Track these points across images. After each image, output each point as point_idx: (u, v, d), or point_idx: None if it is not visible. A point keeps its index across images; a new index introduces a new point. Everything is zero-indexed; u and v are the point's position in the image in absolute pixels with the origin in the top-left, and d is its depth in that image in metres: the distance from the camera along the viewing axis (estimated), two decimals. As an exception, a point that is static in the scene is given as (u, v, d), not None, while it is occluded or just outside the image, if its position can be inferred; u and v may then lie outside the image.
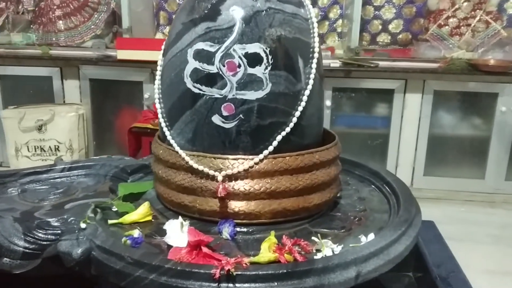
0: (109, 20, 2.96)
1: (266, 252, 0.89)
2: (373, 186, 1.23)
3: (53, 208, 1.11)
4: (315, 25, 0.99)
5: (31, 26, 2.97)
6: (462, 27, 2.78)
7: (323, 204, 1.02)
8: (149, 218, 1.04)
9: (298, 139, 0.99)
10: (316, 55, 0.98)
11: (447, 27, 2.80)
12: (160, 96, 1.03)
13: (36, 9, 2.93)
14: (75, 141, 2.79)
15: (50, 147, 2.77)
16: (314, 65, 0.97)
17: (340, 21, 3.07)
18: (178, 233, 0.93)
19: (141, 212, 1.04)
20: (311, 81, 0.97)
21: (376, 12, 3.00)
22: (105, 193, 1.19)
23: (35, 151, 2.77)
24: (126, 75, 2.78)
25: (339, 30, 3.09)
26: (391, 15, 2.99)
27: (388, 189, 1.17)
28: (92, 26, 2.91)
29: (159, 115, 1.02)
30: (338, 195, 1.15)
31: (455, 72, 2.58)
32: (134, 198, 1.14)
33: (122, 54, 2.62)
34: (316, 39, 0.99)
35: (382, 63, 2.67)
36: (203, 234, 0.91)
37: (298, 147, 0.98)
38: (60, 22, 2.88)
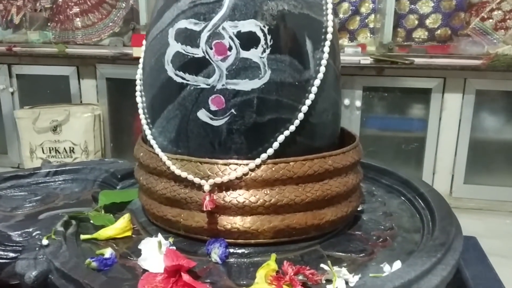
0: (128, 18, 2.84)
1: (262, 282, 0.71)
2: (403, 198, 1.02)
3: (25, 218, 0.96)
4: (329, 0, 0.80)
5: (48, 24, 2.87)
6: (508, 21, 2.52)
7: (338, 220, 0.83)
8: (129, 233, 0.88)
9: (306, 140, 0.80)
10: (329, 36, 0.79)
11: (491, 20, 2.54)
12: (142, 88, 0.86)
13: (54, 6, 2.83)
14: (91, 142, 2.67)
15: (65, 148, 2.66)
16: (326, 49, 0.78)
17: (372, 16, 2.84)
18: (155, 255, 0.76)
19: (119, 226, 0.87)
20: (322, 68, 0.78)
21: (412, 6, 2.76)
22: (89, 202, 1.03)
23: (50, 152, 2.67)
24: (144, 74, 2.64)
25: (371, 25, 2.86)
26: (429, 9, 2.74)
27: (422, 203, 0.97)
28: (110, 24, 2.79)
29: (140, 111, 0.85)
30: (360, 209, 0.96)
31: (500, 70, 2.33)
32: (118, 209, 0.97)
33: (138, 52, 2.47)
34: (330, 17, 0.80)
35: (418, 60, 2.43)
36: (184, 257, 0.73)
37: (306, 150, 0.79)
38: (78, 19, 2.77)
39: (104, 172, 1.16)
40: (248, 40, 0.73)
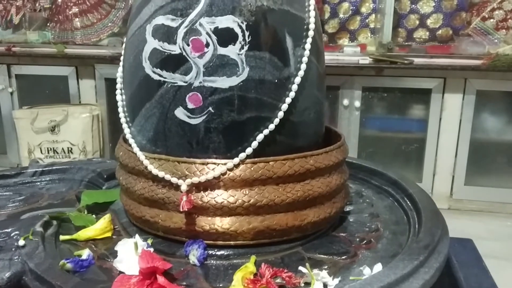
0: (127, 18, 2.81)
1: (239, 285, 0.69)
2: (392, 199, 1.00)
3: (7, 218, 0.95)
4: (312, -5, 0.79)
5: (48, 24, 2.87)
6: (510, 20, 2.49)
7: (320, 222, 0.81)
8: (109, 234, 0.86)
9: (287, 140, 0.78)
10: (311, 33, 0.77)
11: (492, 20, 2.51)
12: (122, 86, 0.85)
13: (53, 6, 2.83)
14: (89, 143, 2.66)
15: (63, 149, 2.66)
16: (308, 46, 0.76)
17: (373, 16, 2.82)
18: (131, 257, 0.74)
19: (99, 227, 0.86)
20: (303, 66, 0.76)
21: (413, 6, 2.73)
22: (73, 202, 1.02)
23: (48, 153, 2.66)
24: (142, 74, 2.63)
25: (371, 25, 2.84)
26: (430, 8, 2.71)
27: (410, 204, 0.94)
28: (109, 24, 2.78)
29: (120, 109, 0.84)
30: (347, 209, 0.94)
31: (501, 70, 2.30)
32: (100, 209, 0.96)
33: (136, 52, 2.46)
34: (312, 14, 0.78)
35: (418, 60, 2.41)
36: (160, 259, 0.72)
37: (287, 149, 0.77)
38: (77, 19, 2.77)
39: (91, 172, 1.15)
40: (225, 37, 0.72)
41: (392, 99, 2.54)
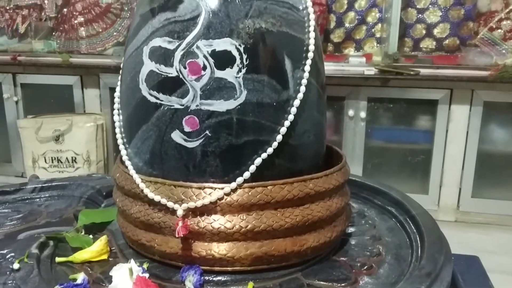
0: (133, 27, 2.83)
1: (235, 313, 0.67)
2: (394, 220, 0.98)
3: (4, 238, 0.94)
4: (312, 16, 0.77)
5: (53, 33, 2.88)
6: (518, 31, 2.47)
7: (320, 246, 0.79)
8: (105, 256, 0.84)
9: (286, 163, 0.76)
10: (310, 55, 0.75)
11: (499, 30, 2.48)
12: (119, 106, 0.84)
13: (59, 15, 2.84)
14: (93, 152, 2.66)
15: (67, 158, 2.66)
16: (307, 68, 0.75)
17: (379, 26, 2.80)
18: (126, 282, 0.73)
19: (96, 249, 0.84)
20: (302, 88, 0.74)
21: (420, 15, 2.71)
22: (71, 220, 1.01)
23: (52, 162, 2.66)
24: (147, 84, 2.63)
25: (378, 35, 2.82)
26: (437, 18, 2.69)
27: (413, 226, 0.92)
28: (115, 33, 2.79)
29: (117, 130, 0.83)
30: (349, 231, 0.92)
31: (509, 81, 2.27)
32: (98, 229, 0.95)
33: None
34: (312, 35, 0.76)
35: (424, 71, 2.39)
36: (156, 286, 0.70)
37: (286, 173, 0.75)
38: (82, 29, 2.78)
39: (90, 189, 1.14)
40: (223, 60, 0.70)
41: (398, 110, 2.52)
